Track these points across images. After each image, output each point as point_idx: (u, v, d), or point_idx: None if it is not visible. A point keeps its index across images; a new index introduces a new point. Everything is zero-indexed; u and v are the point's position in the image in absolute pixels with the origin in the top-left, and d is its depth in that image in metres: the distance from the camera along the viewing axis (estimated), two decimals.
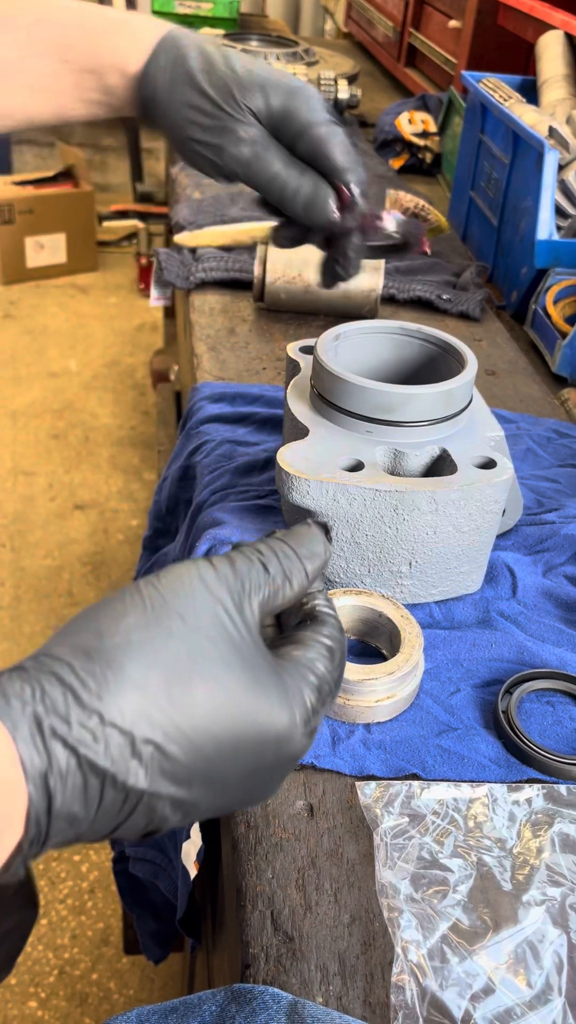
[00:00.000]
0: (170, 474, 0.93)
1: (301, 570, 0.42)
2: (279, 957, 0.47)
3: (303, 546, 0.43)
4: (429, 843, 0.52)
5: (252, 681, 0.37)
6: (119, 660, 0.35)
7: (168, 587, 0.38)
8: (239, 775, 0.38)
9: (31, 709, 0.33)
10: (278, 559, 0.42)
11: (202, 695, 0.36)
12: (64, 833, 0.34)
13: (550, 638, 0.67)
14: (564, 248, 1.15)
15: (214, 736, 0.36)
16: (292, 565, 0.42)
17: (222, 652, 0.37)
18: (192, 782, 0.36)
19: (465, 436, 0.68)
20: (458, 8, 1.91)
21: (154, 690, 0.35)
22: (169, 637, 0.36)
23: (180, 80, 0.60)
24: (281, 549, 0.42)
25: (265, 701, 0.38)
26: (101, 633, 0.36)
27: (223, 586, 0.39)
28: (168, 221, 1.57)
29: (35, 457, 2.75)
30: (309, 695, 0.40)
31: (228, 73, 0.60)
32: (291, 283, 1.12)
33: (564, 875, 0.51)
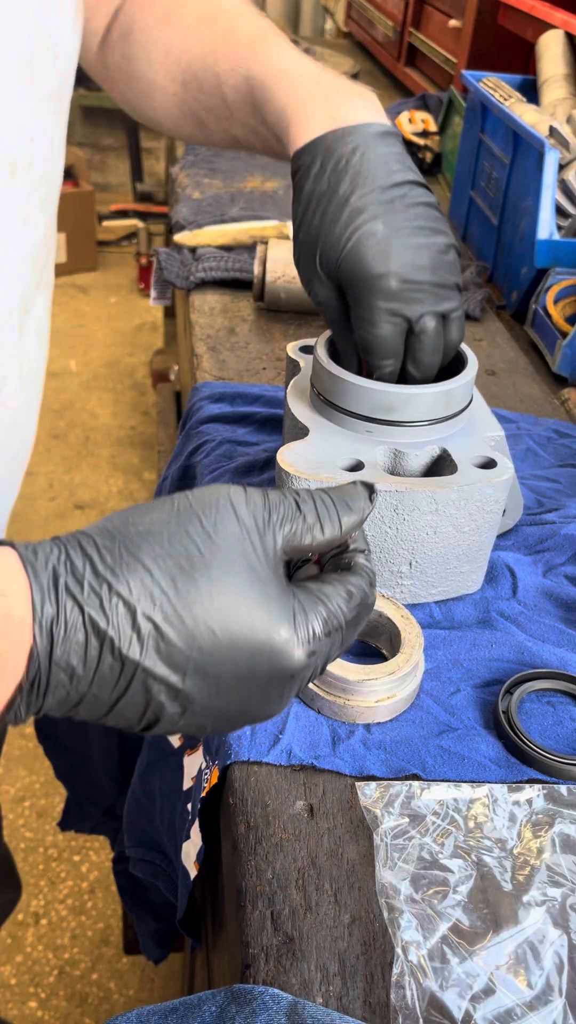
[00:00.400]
0: (170, 474, 0.93)
1: (335, 519, 0.44)
2: (279, 957, 0.47)
3: (343, 499, 0.45)
4: (429, 843, 0.52)
5: (258, 592, 0.40)
6: (136, 544, 0.39)
7: (198, 498, 0.42)
8: (233, 677, 0.40)
9: (52, 566, 0.38)
10: (313, 502, 0.44)
11: (205, 590, 0.39)
12: (64, 688, 0.37)
13: (550, 638, 0.67)
14: (564, 248, 1.15)
15: (210, 629, 0.39)
16: (327, 511, 0.44)
17: (232, 561, 0.40)
18: (186, 670, 0.39)
19: (465, 436, 0.68)
20: (458, 8, 1.91)
21: (161, 576, 0.38)
22: (186, 537, 0.40)
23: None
24: (320, 496, 0.45)
25: (266, 612, 0.40)
26: (127, 521, 0.40)
27: (248, 508, 0.42)
28: (168, 221, 1.57)
29: (35, 457, 2.75)
30: (315, 621, 0.42)
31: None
32: (291, 283, 1.12)
33: (564, 875, 0.51)
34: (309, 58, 0.68)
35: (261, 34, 0.68)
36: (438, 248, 0.61)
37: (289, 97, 0.63)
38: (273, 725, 0.58)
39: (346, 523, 0.44)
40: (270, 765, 0.56)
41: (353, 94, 0.64)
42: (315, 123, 0.62)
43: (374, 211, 0.60)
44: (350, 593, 0.44)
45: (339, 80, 0.66)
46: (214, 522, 0.41)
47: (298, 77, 0.64)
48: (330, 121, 0.62)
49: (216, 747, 0.58)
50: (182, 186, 1.53)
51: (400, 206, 0.60)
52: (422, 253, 0.60)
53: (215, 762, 0.57)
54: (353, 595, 0.44)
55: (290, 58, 0.66)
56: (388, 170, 0.61)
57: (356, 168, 0.60)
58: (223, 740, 0.57)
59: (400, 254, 0.60)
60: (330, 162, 0.61)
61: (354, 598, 0.44)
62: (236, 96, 0.68)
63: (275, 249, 1.13)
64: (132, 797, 0.80)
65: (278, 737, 0.57)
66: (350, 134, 0.61)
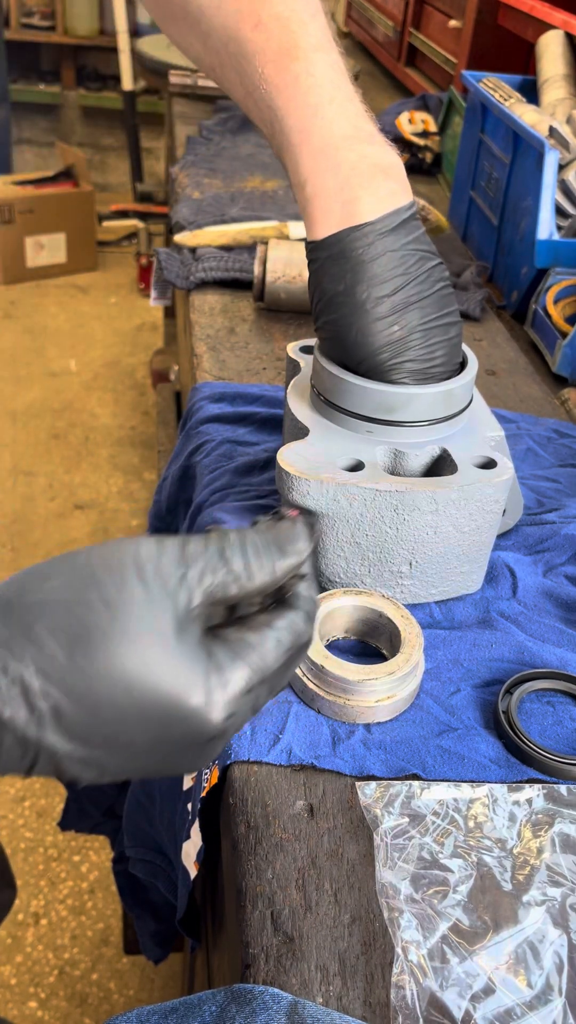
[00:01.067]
0: (170, 474, 0.93)
1: (268, 566, 0.41)
2: (279, 957, 0.47)
3: (280, 541, 0.42)
4: (429, 843, 0.52)
5: (165, 658, 0.38)
6: (33, 614, 0.37)
7: (101, 561, 0.39)
8: (147, 743, 0.39)
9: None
10: (242, 550, 0.41)
11: (104, 664, 0.37)
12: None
13: (550, 638, 0.67)
14: (564, 248, 1.15)
15: (113, 702, 0.37)
16: (258, 559, 0.41)
17: (135, 629, 0.38)
18: (91, 741, 0.37)
19: (465, 436, 0.68)
20: (458, 8, 1.91)
21: (57, 650, 0.37)
22: (84, 606, 0.37)
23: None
24: (252, 541, 0.42)
25: (173, 678, 0.38)
26: (24, 589, 0.38)
27: (158, 569, 0.39)
28: (168, 221, 1.57)
29: (35, 457, 2.75)
30: (234, 680, 0.39)
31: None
32: (291, 283, 1.12)
33: (564, 875, 0.51)
34: (342, 84, 0.63)
35: (289, 44, 0.62)
36: (449, 339, 0.65)
37: (312, 171, 0.62)
38: (273, 725, 0.58)
39: (280, 568, 0.42)
40: (270, 765, 0.56)
41: (376, 177, 0.62)
42: (333, 219, 0.62)
43: (390, 318, 0.63)
44: (278, 640, 0.41)
45: (365, 150, 0.63)
46: (117, 587, 0.38)
47: (324, 145, 0.62)
48: (348, 217, 0.62)
49: None
50: (182, 186, 1.53)
51: (415, 301, 0.63)
52: (435, 349, 0.64)
53: (215, 762, 0.58)
54: (282, 641, 0.41)
55: (319, 98, 0.62)
56: (404, 266, 0.62)
57: (371, 272, 0.62)
58: None
59: (415, 356, 0.64)
60: (346, 263, 0.62)
61: (283, 643, 0.41)
62: (258, 115, 0.66)
63: (275, 249, 1.13)
64: (132, 797, 0.80)
65: (278, 737, 0.57)
66: (367, 233, 0.62)
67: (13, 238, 3.65)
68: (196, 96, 2.04)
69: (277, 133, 0.64)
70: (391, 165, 0.63)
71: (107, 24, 4.05)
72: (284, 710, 0.59)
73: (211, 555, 0.40)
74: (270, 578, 0.41)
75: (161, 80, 2.23)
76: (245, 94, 0.66)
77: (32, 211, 3.63)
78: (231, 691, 0.39)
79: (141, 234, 3.66)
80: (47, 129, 4.57)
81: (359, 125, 0.63)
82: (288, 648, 0.42)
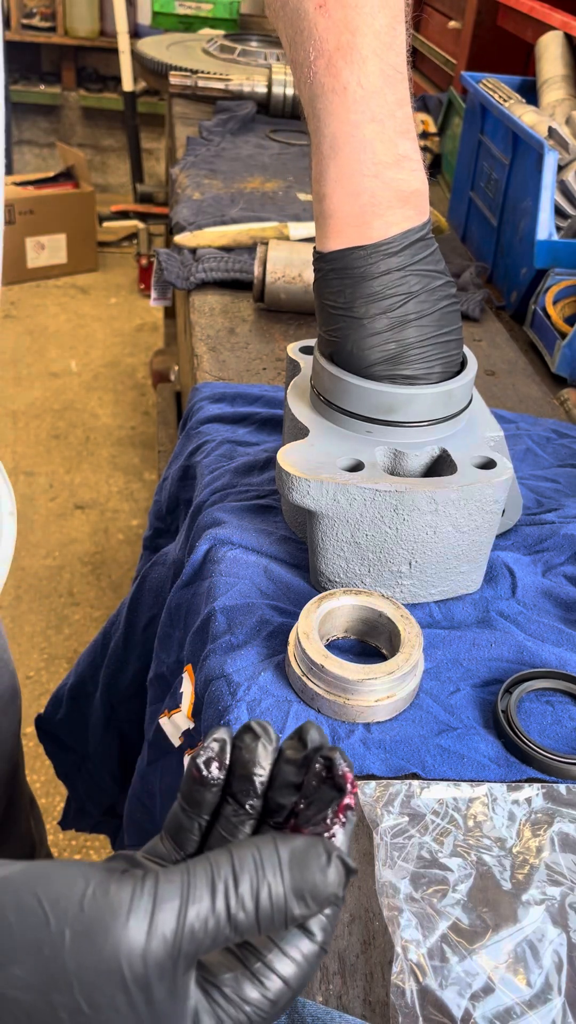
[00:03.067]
0: (170, 474, 0.93)
1: (282, 918, 0.32)
2: None
3: (306, 886, 0.33)
4: (429, 842, 0.52)
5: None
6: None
7: (78, 962, 0.31)
8: None
9: None
10: (256, 908, 0.32)
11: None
12: None
13: (550, 638, 0.67)
14: (564, 248, 1.15)
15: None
16: (271, 917, 0.32)
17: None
18: None
19: (465, 436, 0.68)
20: (458, 9, 1.91)
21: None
22: (49, 1017, 0.31)
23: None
24: (267, 891, 0.32)
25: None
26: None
27: (143, 979, 0.31)
28: (168, 221, 1.57)
29: (36, 457, 2.75)
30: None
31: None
32: (291, 283, 1.12)
33: (564, 874, 0.51)
34: (389, 95, 0.60)
35: (347, 43, 0.58)
36: (447, 355, 0.66)
37: (333, 190, 0.62)
38: (273, 724, 0.58)
39: (294, 916, 0.32)
40: None
41: (393, 206, 0.62)
42: (343, 238, 0.63)
43: (386, 334, 0.63)
44: (283, 995, 0.34)
45: (391, 177, 0.61)
46: (94, 1007, 0.31)
47: (352, 168, 0.61)
48: (357, 237, 0.62)
49: None
50: (182, 187, 1.53)
51: (414, 320, 0.63)
52: (432, 365, 0.65)
53: None
54: (288, 993, 0.34)
55: (360, 115, 0.60)
56: (407, 285, 0.63)
57: (371, 289, 0.63)
58: None
59: (411, 372, 0.65)
60: (348, 279, 0.63)
61: (287, 995, 0.34)
62: (298, 83, 0.63)
63: (275, 250, 1.13)
64: (133, 796, 0.80)
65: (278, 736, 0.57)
66: (372, 253, 0.62)
67: (14, 239, 3.65)
68: (196, 97, 2.05)
69: (312, 129, 0.63)
70: (413, 193, 0.63)
71: (107, 25, 4.05)
72: (284, 709, 0.59)
73: (213, 929, 0.32)
74: (284, 928, 0.33)
75: (161, 81, 2.24)
76: (292, 59, 0.63)
77: (32, 212, 3.63)
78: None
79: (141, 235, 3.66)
80: (47, 130, 4.57)
81: (394, 144, 0.61)
82: (294, 993, 0.35)
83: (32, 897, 0.31)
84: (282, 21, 0.62)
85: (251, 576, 0.69)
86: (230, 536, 0.72)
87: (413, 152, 0.63)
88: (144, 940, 0.31)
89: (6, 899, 0.31)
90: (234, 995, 0.34)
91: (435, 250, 0.65)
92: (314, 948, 0.35)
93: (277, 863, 0.33)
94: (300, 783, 0.38)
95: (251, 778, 0.38)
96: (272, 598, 0.68)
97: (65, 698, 0.99)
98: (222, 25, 3.10)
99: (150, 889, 0.32)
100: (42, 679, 1.99)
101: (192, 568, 0.72)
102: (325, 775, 0.37)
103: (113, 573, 2.32)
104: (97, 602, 2.22)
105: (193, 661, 0.66)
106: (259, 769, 0.38)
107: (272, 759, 0.39)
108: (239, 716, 0.58)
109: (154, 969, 0.31)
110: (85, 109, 4.46)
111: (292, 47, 0.62)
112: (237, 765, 0.38)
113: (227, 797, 0.38)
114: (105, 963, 0.30)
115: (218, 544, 0.71)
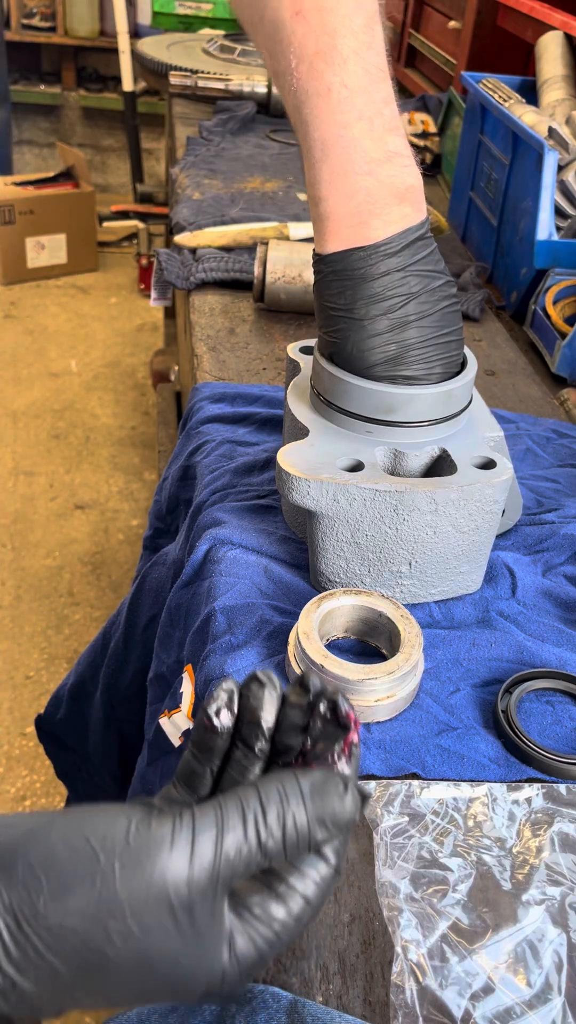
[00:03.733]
0: (170, 474, 0.93)
1: (306, 842, 0.37)
2: (279, 956, 0.47)
3: (327, 813, 0.37)
4: (429, 842, 0.52)
5: (177, 973, 0.35)
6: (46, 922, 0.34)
7: (128, 890, 0.34)
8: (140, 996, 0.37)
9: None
10: (282, 833, 0.36)
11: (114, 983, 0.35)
12: None
13: (550, 638, 0.67)
14: (563, 248, 1.15)
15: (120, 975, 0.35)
16: (296, 841, 0.37)
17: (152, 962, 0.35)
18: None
19: (465, 436, 0.68)
20: (458, 9, 1.91)
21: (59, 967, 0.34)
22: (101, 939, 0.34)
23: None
24: (292, 818, 0.37)
25: (187, 967, 0.36)
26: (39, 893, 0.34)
27: (188, 903, 0.35)
28: (168, 221, 1.57)
29: (36, 457, 2.75)
30: (255, 960, 0.37)
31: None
32: (291, 283, 1.12)
33: (564, 874, 0.51)
34: (375, 93, 0.61)
35: (327, 46, 0.58)
36: (448, 355, 0.66)
37: (328, 192, 0.62)
38: None
39: (317, 838, 0.37)
40: None
41: (390, 204, 0.62)
42: (342, 239, 0.63)
43: (386, 335, 0.63)
44: (304, 910, 0.38)
45: (384, 173, 0.61)
46: (143, 930, 0.34)
47: (345, 168, 0.61)
48: (356, 238, 0.62)
49: None
50: (182, 187, 1.53)
51: (414, 320, 0.63)
52: (433, 366, 0.65)
53: None
54: (308, 910, 0.38)
55: (347, 115, 0.60)
56: (407, 286, 0.63)
57: (372, 290, 0.62)
58: None
59: (411, 373, 0.64)
60: (348, 280, 0.63)
61: (308, 912, 0.38)
62: (283, 94, 0.63)
63: (275, 250, 1.13)
64: (133, 796, 0.80)
65: None
66: (372, 253, 0.62)
67: (14, 239, 3.65)
68: (196, 97, 2.05)
69: (301, 134, 0.63)
70: (409, 188, 0.62)
71: (107, 25, 4.05)
72: None
73: (246, 855, 0.36)
74: (306, 852, 0.38)
75: (161, 81, 2.24)
76: (274, 71, 0.63)
77: (33, 212, 3.63)
78: (243, 965, 0.37)
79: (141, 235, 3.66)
80: (48, 130, 4.57)
81: (384, 142, 0.61)
82: (315, 913, 0.39)
83: (80, 837, 0.35)
84: (260, 34, 0.62)
85: (251, 576, 0.69)
86: (230, 536, 0.72)
87: (404, 148, 0.63)
88: (187, 867, 0.35)
89: (55, 840, 0.35)
90: (263, 915, 0.37)
91: (434, 249, 0.65)
92: (329, 871, 0.39)
93: (299, 794, 0.37)
94: (306, 725, 0.41)
95: (259, 723, 0.41)
96: (272, 598, 0.68)
97: (65, 698, 0.99)
98: (222, 25, 3.11)
99: (188, 823, 0.35)
100: (42, 679, 1.99)
101: (192, 568, 0.72)
102: (330, 715, 0.41)
103: (113, 573, 2.32)
104: (97, 602, 2.22)
105: (193, 661, 0.66)
106: (266, 714, 0.41)
107: (277, 705, 0.41)
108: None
109: (197, 894, 0.35)
110: (85, 109, 4.46)
111: (273, 58, 0.62)
112: (245, 711, 0.41)
113: (236, 743, 0.41)
114: (154, 890, 0.34)
115: (218, 544, 0.71)
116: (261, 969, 0.39)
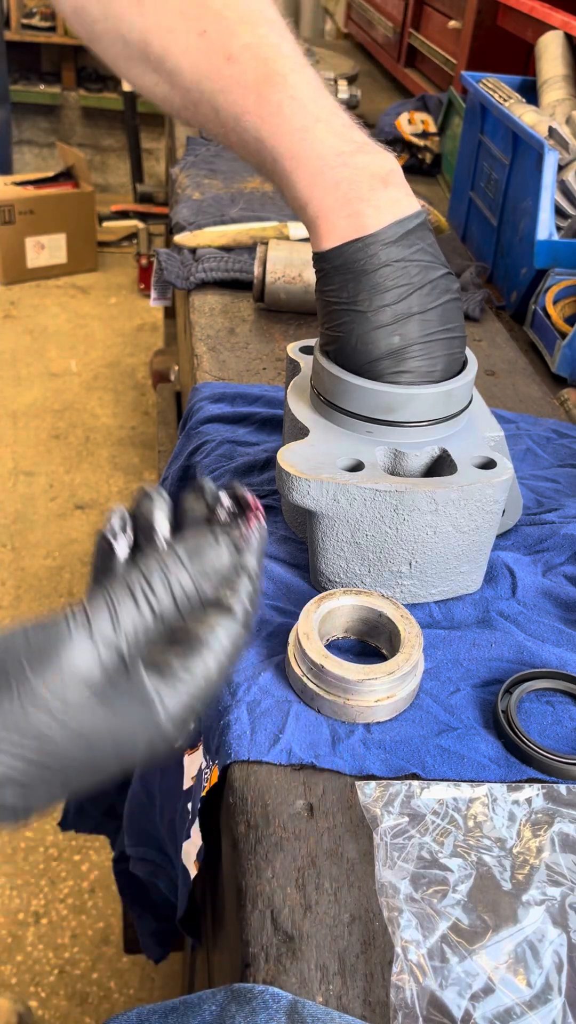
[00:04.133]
0: (170, 474, 0.93)
1: (194, 597, 0.42)
2: (279, 956, 0.47)
3: (222, 568, 0.43)
4: (429, 843, 0.52)
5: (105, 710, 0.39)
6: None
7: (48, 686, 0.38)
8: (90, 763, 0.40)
9: None
10: (181, 593, 0.41)
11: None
12: None
13: (550, 638, 0.67)
14: (564, 248, 1.15)
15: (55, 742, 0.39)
16: (191, 599, 0.42)
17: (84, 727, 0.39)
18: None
19: (465, 436, 0.68)
20: (458, 8, 1.91)
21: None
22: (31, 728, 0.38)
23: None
24: (184, 583, 0.42)
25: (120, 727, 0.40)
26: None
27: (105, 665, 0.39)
28: (168, 221, 1.57)
29: (36, 457, 2.75)
30: (182, 706, 0.41)
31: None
32: (291, 283, 1.12)
33: (564, 875, 0.51)
34: (324, 100, 0.63)
35: (266, 72, 0.62)
36: (451, 352, 0.65)
37: (311, 193, 0.63)
38: (273, 725, 0.58)
39: (216, 594, 0.43)
40: (270, 764, 0.56)
41: (376, 187, 0.62)
42: (338, 233, 0.63)
43: (390, 327, 0.63)
44: (217, 659, 0.42)
45: (360, 162, 0.62)
46: (70, 710, 0.38)
47: (319, 166, 0.62)
48: (352, 229, 0.62)
49: (216, 747, 0.58)
50: (182, 187, 1.53)
51: (417, 313, 0.63)
52: (436, 362, 0.65)
53: (215, 761, 0.58)
54: (220, 658, 0.42)
55: (304, 120, 0.62)
56: (407, 276, 0.63)
57: (373, 282, 0.62)
58: (223, 740, 0.57)
59: (414, 367, 0.64)
60: (349, 274, 0.63)
61: (221, 659, 0.42)
62: (241, 146, 0.66)
63: (275, 250, 1.13)
64: (132, 797, 0.80)
65: (278, 736, 0.57)
66: (370, 244, 0.62)
67: (13, 238, 3.65)
68: None
69: (268, 161, 0.64)
70: (389, 172, 0.63)
71: None
72: (284, 709, 0.59)
73: (144, 624, 0.41)
74: (204, 609, 0.43)
75: None
76: (225, 128, 0.65)
77: (32, 212, 3.63)
78: (176, 718, 0.41)
79: (141, 235, 3.66)
80: (47, 130, 4.57)
81: (349, 137, 0.63)
82: (228, 659, 0.43)
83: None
84: (201, 104, 0.65)
85: None
86: None
87: (370, 140, 0.64)
88: (92, 649, 0.38)
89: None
90: (181, 668, 0.41)
91: (432, 240, 0.65)
92: (234, 624, 0.43)
93: (177, 559, 0.42)
94: (210, 519, 0.45)
95: (153, 527, 0.45)
96: (272, 598, 0.68)
97: None
98: None
99: (80, 613, 0.39)
100: None
101: None
102: (233, 507, 0.45)
103: None
104: None
105: None
106: (158, 518, 0.45)
107: (168, 511, 0.45)
108: (239, 716, 0.58)
109: (112, 669, 0.39)
110: (85, 109, 4.46)
111: (219, 113, 0.64)
112: (140, 519, 0.45)
113: (136, 558, 0.44)
114: (67, 675, 0.38)
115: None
116: (195, 716, 0.42)
